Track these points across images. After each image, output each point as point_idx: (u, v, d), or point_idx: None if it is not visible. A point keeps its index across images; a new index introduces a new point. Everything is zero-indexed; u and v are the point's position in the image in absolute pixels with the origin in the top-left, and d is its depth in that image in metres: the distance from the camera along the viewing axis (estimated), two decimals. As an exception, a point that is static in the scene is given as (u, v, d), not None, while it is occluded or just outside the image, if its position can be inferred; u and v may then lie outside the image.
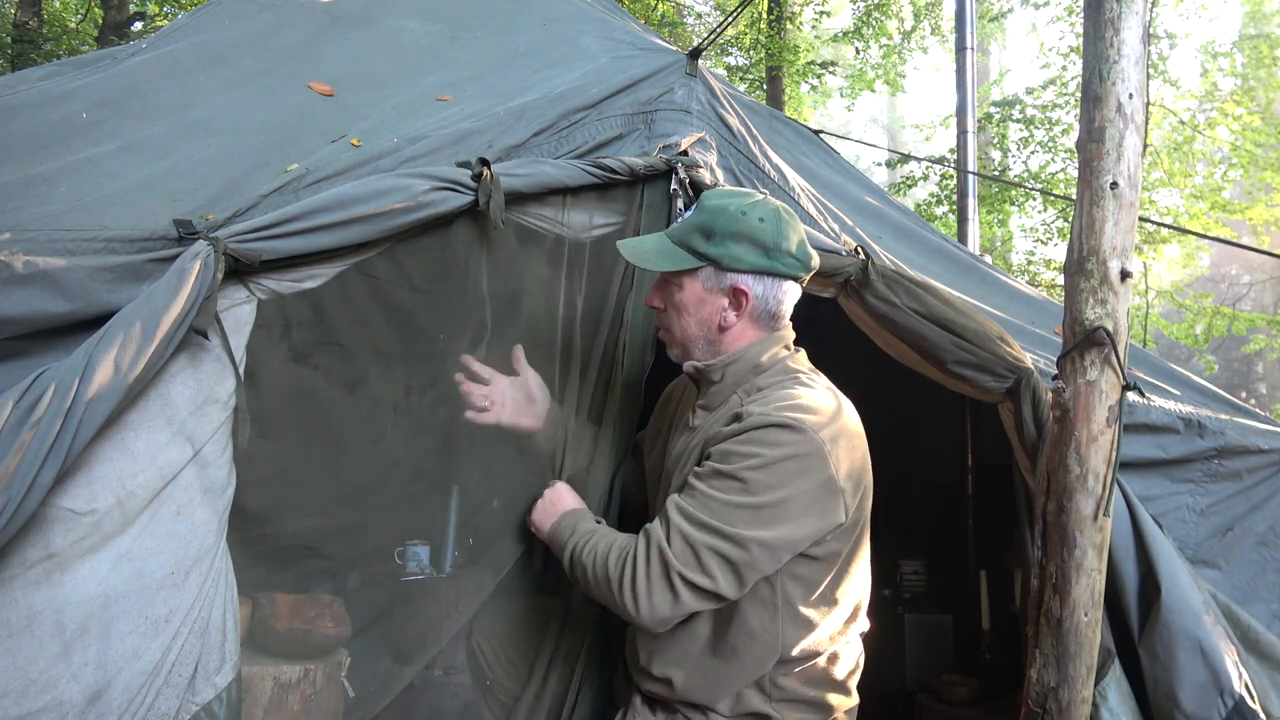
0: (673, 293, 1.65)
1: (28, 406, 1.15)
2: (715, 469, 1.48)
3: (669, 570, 1.43)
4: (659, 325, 1.73)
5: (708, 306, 1.64)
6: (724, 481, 1.46)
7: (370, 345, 1.68)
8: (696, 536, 1.43)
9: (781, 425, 1.47)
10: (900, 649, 3.19)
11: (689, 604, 1.45)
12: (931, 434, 3.27)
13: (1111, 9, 1.74)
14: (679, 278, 1.63)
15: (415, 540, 1.71)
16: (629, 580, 1.46)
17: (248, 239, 1.39)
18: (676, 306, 1.65)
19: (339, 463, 1.62)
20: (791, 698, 1.59)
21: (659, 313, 1.71)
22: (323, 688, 1.57)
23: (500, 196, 1.66)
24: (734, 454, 1.48)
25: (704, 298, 1.64)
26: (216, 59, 2.24)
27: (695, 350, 1.68)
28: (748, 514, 1.43)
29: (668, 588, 1.44)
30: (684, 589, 1.44)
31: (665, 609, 1.45)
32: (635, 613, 1.46)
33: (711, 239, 1.59)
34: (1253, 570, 2.16)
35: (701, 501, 1.46)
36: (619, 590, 1.46)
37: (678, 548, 1.44)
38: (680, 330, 1.67)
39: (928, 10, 11.13)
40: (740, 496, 1.44)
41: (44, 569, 1.19)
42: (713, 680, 1.57)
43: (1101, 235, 1.72)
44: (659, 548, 1.45)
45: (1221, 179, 10.99)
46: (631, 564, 1.46)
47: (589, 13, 2.93)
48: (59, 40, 7.74)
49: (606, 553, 1.51)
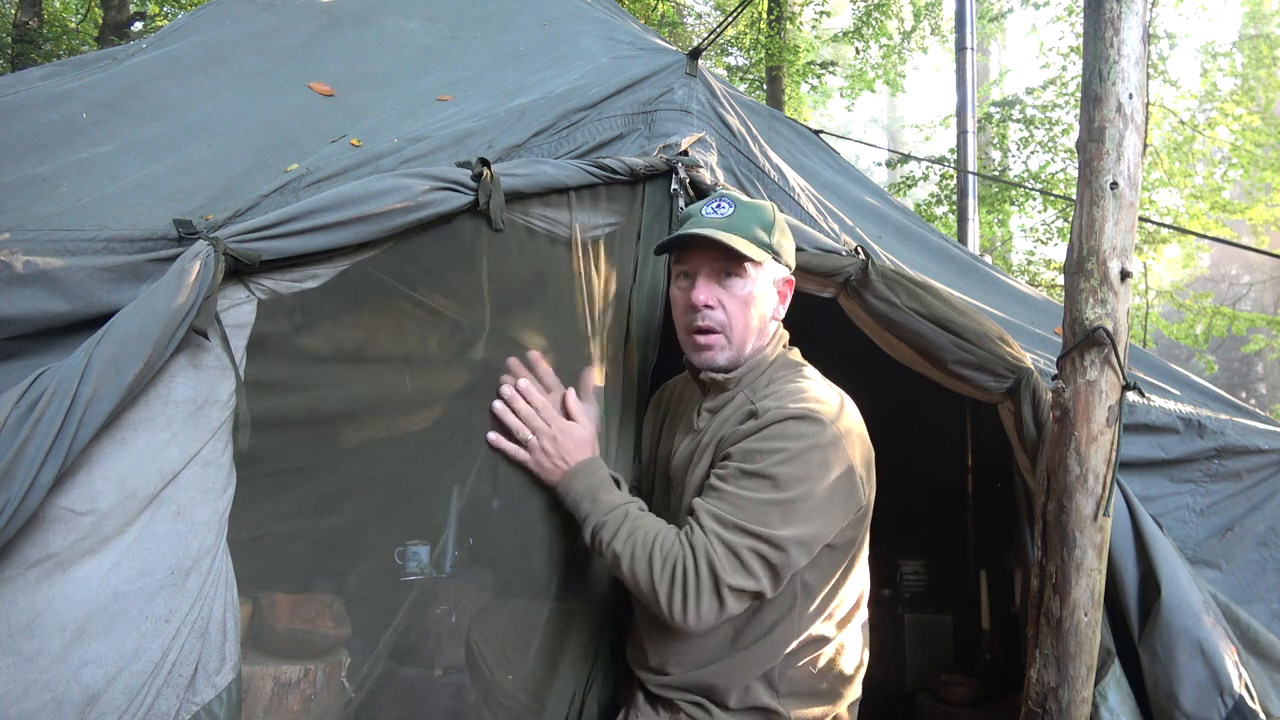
0: (737, 286, 1.60)
1: (28, 406, 1.15)
2: (741, 469, 1.47)
3: (718, 582, 1.41)
4: (708, 327, 1.61)
5: (768, 299, 1.64)
6: (753, 481, 1.45)
7: (370, 345, 1.67)
8: (738, 542, 1.42)
9: (799, 417, 1.49)
10: (900, 649, 3.20)
11: (732, 610, 1.45)
12: (931, 434, 3.27)
13: (1111, 9, 1.74)
14: (746, 269, 1.59)
15: (415, 540, 1.71)
16: (678, 590, 1.42)
17: (248, 239, 1.39)
18: (744, 300, 1.60)
19: (339, 462, 1.62)
20: (797, 691, 1.60)
21: (709, 312, 1.60)
22: (323, 688, 1.57)
23: (500, 196, 1.66)
24: (758, 451, 1.47)
25: (767, 290, 1.64)
26: (216, 59, 2.24)
27: (750, 347, 1.64)
28: (780, 511, 1.43)
29: (715, 597, 1.42)
30: (730, 596, 1.42)
31: (711, 617, 1.44)
32: (681, 620, 1.43)
33: (771, 232, 1.61)
34: (1253, 570, 2.16)
35: (734, 504, 1.45)
36: (666, 598, 1.43)
37: (723, 556, 1.42)
38: (744, 326, 1.61)
39: (928, 10, 11.14)
40: (772, 493, 1.44)
41: (44, 569, 1.19)
42: (726, 673, 1.58)
43: (1101, 235, 1.72)
44: (708, 559, 1.42)
45: (1221, 179, 10.99)
46: (681, 573, 1.42)
47: (589, 13, 2.93)
48: (59, 40, 7.74)
49: (648, 553, 1.46)
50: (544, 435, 1.62)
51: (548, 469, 1.62)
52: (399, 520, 1.67)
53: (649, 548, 1.46)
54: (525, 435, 1.63)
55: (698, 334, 1.63)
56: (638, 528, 1.50)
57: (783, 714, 1.58)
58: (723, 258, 1.59)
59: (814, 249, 2.00)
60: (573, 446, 1.62)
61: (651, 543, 1.47)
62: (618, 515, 1.52)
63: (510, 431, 1.64)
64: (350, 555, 1.64)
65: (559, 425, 1.64)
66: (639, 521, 1.51)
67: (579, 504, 1.57)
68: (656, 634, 1.63)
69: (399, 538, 1.67)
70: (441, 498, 1.71)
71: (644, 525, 1.50)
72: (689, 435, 1.72)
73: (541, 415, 1.64)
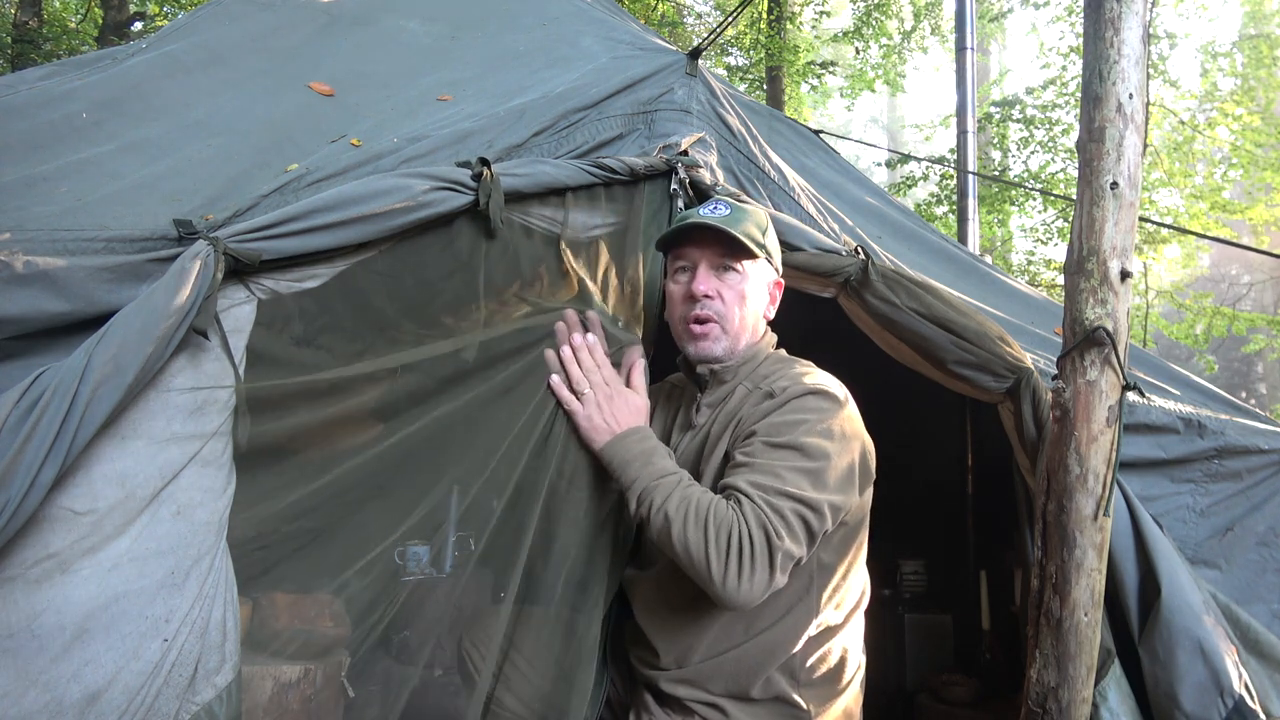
0: (734, 280, 1.66)
1: (28, 406, 1.15)
2: (767, 443, 1.50)
3: (772, 547, 1.41)
4: (705, 316, 1.66)
5: (760, 298, 1.72)
6: (782, 452, 1.49)
7: (370, 345, 1.67)
8: (784, 506, 1.43)
9: (816, 392, 1.56)
10: (900, 649, 3.19)
11: (780, 581, 1.44)
12: (931, 434, 3.27)
13: (1111, 9, 1.74)
14: (744, 264, 1.67)
15: (415, 540, 1.71)
16: (734, 559, 1.40)
17: (248, 239, 1.39)
18: (740, 294, 1.67)
19: (339, 462, 1.62)
20: (814, 681, 1.61)
21: (709, 301, 1.66)
22: (323, 688, 1.57)
23: (500, 196, 1.66)
24: (783, 424, 1.52)
25: (759, 288, 1.71)
26: (216, 59, 2.24)
27: (744, 341, 1.70)
28: (811, 478, 1.47)
29: (769, 566, 1.41)
30: (780, 563, 1.42)
31: (761, 588, 1.42)
32: (735, 589, 1.40)
33: (765, 234, 1.68)
34: (1253, 570, 2.16)
35: (770, 474, 1.46)
36: (721, 567, 1.40)
37: (777, 522, 1.42)
38: (741, 319, 1.68)
39: (928, 10, 11.14)
40: (803, 462, 1.47)
41: (44, 569, 1.19)
42: (746, 661, 1.58)
43: (1101, 235, 1.72)
44: (762, 525, 1.41)
45: (1221, 179, 10.99)
46: (738, 541, 1.41)
47: (589, 13, 2.93)
48: (59, 40, 7.74)
49: (703, 520, 1.43)
50: (601, 392, 1.63)
51: (598, 427, 1.61)
52: (399, 520, 1.67)
53: (703, 515, 1.45)
54: (584, 388, 1.63)
55: (695, 323, 1.67)
56: (691, 494, 1.49)
57: (803, 705, 1.59)
58: (721, 251, 1.65)
59: (814, 249, 2.00)
60: (628, 411, 1.63)
61: (707, 510, 1.45)
62: (671, 480, 1.52)
63: (570, 381, 1.64)
64: (350, 555, 1.63)
65: (618, 387, 1.65)
66: (692, 489, 1.51)
67: (628, 466, 1.56)
68: (667, 629, 1.63)
69: (399, 538, 1.67)
70: (441, 498, 1.71)
71: (697, 492, 1.50)
72: (688, 432, 1.73)
73: (603, 372, 1.65)
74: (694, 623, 1.60)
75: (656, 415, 1.88)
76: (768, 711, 1.59)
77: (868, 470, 1.59)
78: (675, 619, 1.63)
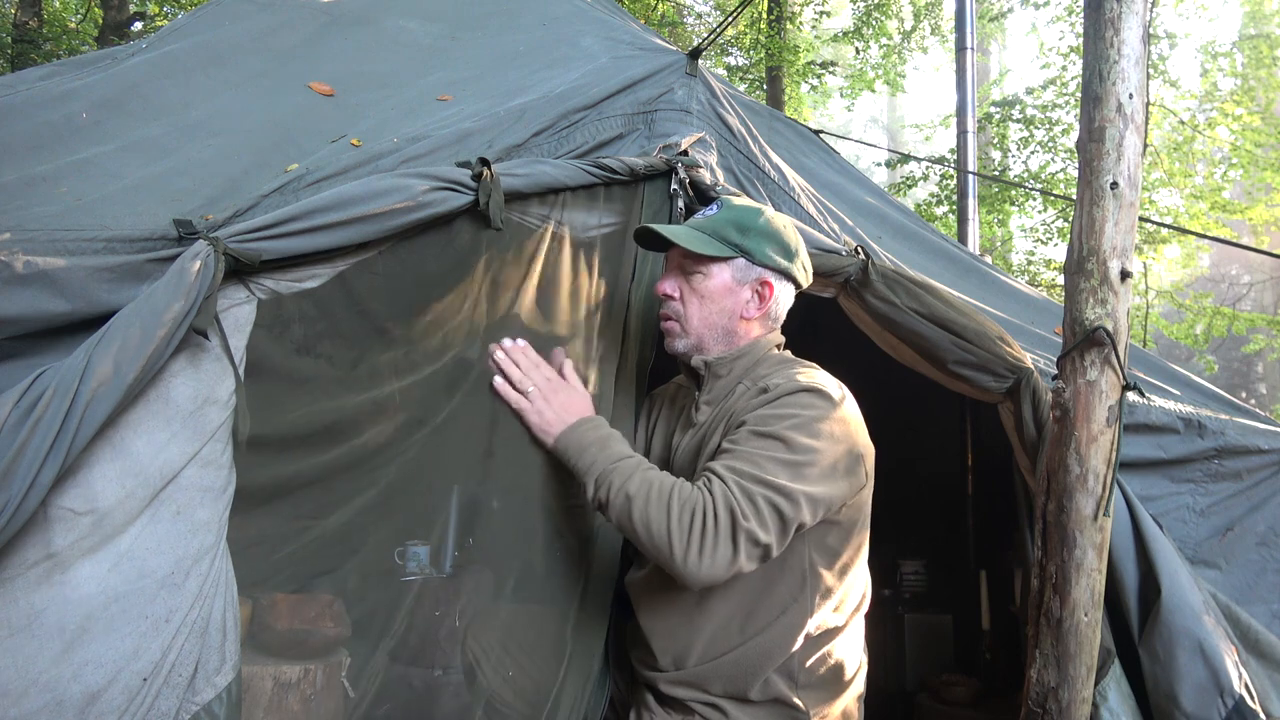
0: (697, 280, 1.69)
1: (28, 406, 1.15)
2: (753, 432, 1.52)
3: (735, 526, 1.41)
4: (668, 315, 1.73)
5: (733, 297, 1.71)
6: (765, 441, 1.50)
7: (370, 345, 1.67)
8: (754, 490, 1.44)
9: (809, 390, 1.56)
10: (900, 649, 3.20)
11: (743, 564, 1.44)
12: (931, 434, 3.27)
13: (1111, 9, 1.74)
14: (708, 265, 1.68)
15: (415, 540, 1.71)
16: (695, 535, 1.41)
17: (248, 239, 1.39)
18: (701, 294, 1.69)
19: (339, 462, 1.61)
20: (813, 684, 1.61)
21: (669, 301, 1.72)
22: (323, 688, 1.57)
23: (500, 196, 1.66)
24: (770, 416, 1.53)
25: (731, 288, 1.71)
26: (216, 59, 2.24)
27: (709, 341, 1.71)
28: (790, 469, 1.47)
29: (731, 543, 1.42)
30: (744, 545, 1.42)
31: (723, 567, 1.42)
32: (695, 566, 1.41)
33: (746, 234, 1.68)
34: (1253, 570, 2.16)
35: (747, 460, 1.48)
36: (682, 544, 1.41)
37: (743, 502, 1.43)
38: (700, 319, 1.70)
39: (928, 10, 11.15)
40: (783, 453, 1.48)
41: (44, 569, 1.19)
42: (744, 663, 1.58)
43: (1101, 235, 1.72)
44: (727, 504, 1.42)
45: (1221, 179, 10.99)
46: (701, 518, 1.42)
47: (589, 13, 2.93)
48: (59, 40, 7.74)
49: (666, 498, 1.45)
50: (546, 387, 1.66)
51: (549, 420, 1.64)
52: (399, 520, 1.67)
53: (666, 493, 1.46)
54: (527, 386, 1.66)
55: (662, 319, 1.75)
56: (652, 476, 1.50)
57: (801, 707, 1.59)
58: (685, 253, 1.70)
59: (814, 249, 2.00)
60: (575, 401, 1.67)
61: (670, 489, 1.47)
62: (631, 463, 1.53)
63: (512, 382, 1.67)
64: (350, 555, 1.63)
65: (559, 383, 1.69)
66: (653, 471, 1.52)
67: (584, 452, 1.57)
68: (666, 630, 1.64)
69: (399, 538, 1.67)
70: (441, 498, 1.71)
71: (659, 474, 1.51)
72: (689, 430, 1.74)
73: (541, 370, 1.69)
74: (690, 625, 1.60)
75: (662, 416, 1.89)
76: (767, 713, 1.59)
77: (857, 470, 1.57)
78: (672, 621, 1.63)
